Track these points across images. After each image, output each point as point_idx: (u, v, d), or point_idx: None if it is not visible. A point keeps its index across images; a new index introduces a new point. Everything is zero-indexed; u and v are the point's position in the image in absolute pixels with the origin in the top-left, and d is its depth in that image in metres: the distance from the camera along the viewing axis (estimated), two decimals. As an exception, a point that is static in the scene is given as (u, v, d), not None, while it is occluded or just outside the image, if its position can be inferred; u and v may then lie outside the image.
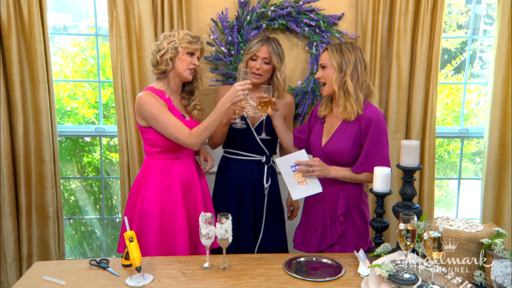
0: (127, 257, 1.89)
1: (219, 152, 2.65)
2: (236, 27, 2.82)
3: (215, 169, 2.64)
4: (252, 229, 2.52)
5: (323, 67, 2.21)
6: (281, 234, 2.62)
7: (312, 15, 2.82)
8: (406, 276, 1.66)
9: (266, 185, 2.51)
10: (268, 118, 2.39)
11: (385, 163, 2.11)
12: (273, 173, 2.58)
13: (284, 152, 2.58)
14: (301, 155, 2.13)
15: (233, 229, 2.42)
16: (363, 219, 2.24)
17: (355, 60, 2.15)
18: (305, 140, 2.38)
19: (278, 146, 2.65)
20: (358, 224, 2.24)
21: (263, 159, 2.50)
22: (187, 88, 2.43)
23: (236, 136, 2.47)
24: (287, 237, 2.65)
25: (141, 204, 2.33)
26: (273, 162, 2.57)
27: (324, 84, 2.21)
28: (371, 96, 2.24)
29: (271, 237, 2.54)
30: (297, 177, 2.15)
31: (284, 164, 2.15)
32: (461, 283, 1.67)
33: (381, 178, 1.96)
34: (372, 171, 2.04)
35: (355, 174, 2.17)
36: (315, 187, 2.15)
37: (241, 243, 2.49)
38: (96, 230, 3.54)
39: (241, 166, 2.50)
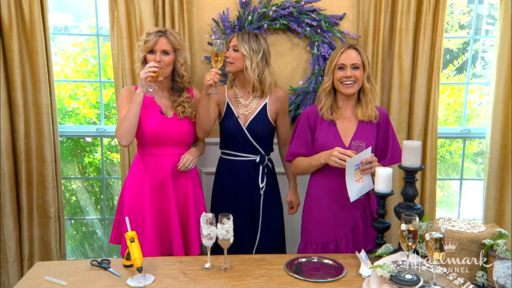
0: (128, 258, 1.88)
1: (214, 152, 2.65)
2: (237, 27, 2.82)
3: (213, 169, 2.63)
4: (249, 230, 2.51)
5: (356, 67, 2.21)
6: (279, 234, 2.60)
7: (313, 15, 2.82)
8: (408, 277, 1.65)
9: (261, 185, 2.49)
10: (259, 115, 2.44)
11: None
12: (269, 173, 2.55)
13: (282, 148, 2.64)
14: (367, 153, 2.10)
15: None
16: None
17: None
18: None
19: (277, 144, 2.66)
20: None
21: (257, 159, 2.48)
22: (174, 85, 2.44)
23: (230, 136, 2.47)
24: (285, 237, 2.65)
25: (123, 193, 2.43)
26: (269, 161, 2.55)
27: (353, 83, 2.21)
28: None
29: (269, 237, 2.53)
30: (356, 176, 2.12)
31: (352, 164, 2.09)
32: (463, 284, 1.66)
33: (383, 179, 1.96)
34: (399, 162, 2.06)
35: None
36: (369, 184, 2.14)
37: (239, 244, 2.46)
38: (97, 231, 3.54)
39: (237, 166, 2.49)
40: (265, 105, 2.47)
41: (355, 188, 2.11)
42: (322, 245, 2.28)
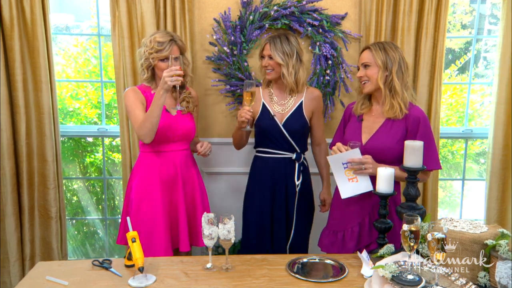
0: (129, 258, 1.88)
1: (215, 152, 2.64)
2: (238, 27, 2.82)
3: (214, 169, 2.63)
4: (285, 228, 2.53)
5: (366, 65, 2.21)
6: (307, 233, 2.63)
7: (315, 15, 2.81)
8: (410, 277, 1.65)
9: (297, 183, 2.52)
10: (295, 113, 2.47)
11: (436, 164, 2.15)
12: (305, 171, 2.57)
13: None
14: (355, 153, 2.09)
15: (267, 228, 2.49)
16: (400, 217, 2.20)
17: (399, 59, 2.20)
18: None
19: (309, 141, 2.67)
20: (395, 222, 2.20)
21: (293, 156, 2.50)
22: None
23: (267, 134, 2.50)
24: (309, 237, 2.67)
25: (129, 193, 2.48)
26: (305, 159, 2.58)
27: (367, 81, 2.21)
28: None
29: (301, 235, 2.57)
30: (348, 174, 2.11)
31: (336, 162, 2.11)
32: (465, 284, 1.66)
33: (384, 179, 1.95)
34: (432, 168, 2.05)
35: (401, 173, 2.10)
36: (366, 185, 2.11)
37: (276, 242, 2.51)
38: (98, 231, 3.54)
39: (273, 164, 2.51)
40: (301, 103, 2.50)
41: (346, 187, 2.13)
42: (333, 233, 2.32)
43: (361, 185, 2.12)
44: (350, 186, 2.12)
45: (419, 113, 2.20)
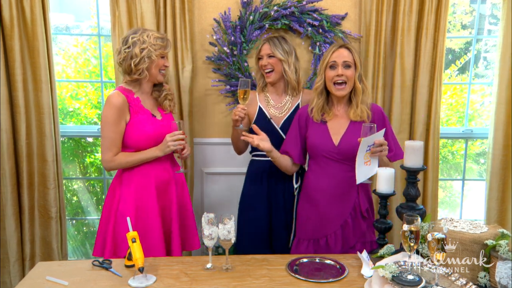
0: (129, 258, 1.88)
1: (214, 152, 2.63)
2: (238, 27, 2.82)
3: (213, 169, 2.62)
4: (285, 231, 2.51)
5: (348, 65, 2.18)
6: None
7: (315, 15, 2.81)
8: (410, 277, 1.65)
9: (295, 186, 2.50)
10: (292, 116, 2.43)
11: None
12: (303, 173, 2.55)
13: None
14: (381, 134, 2.06)
15: (265, 232, 2.47)
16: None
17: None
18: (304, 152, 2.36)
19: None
20: (372, 218, 2.25)
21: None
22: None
23: None
24: None
25: (117, 204, 2.30)
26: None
27: (345, 83, 2.18)
28: None
29: None
30: (365, 157, 2.09)
31: (366, 143, 2.05)
32: (465, 284, 1.66)
33: (385, 179, 1.95)
34: (402, 158, 2.06)
35: (388, 162, 2.20)
36: (374, 169, 2.09)
37: (276, 245, 2.49)
38: (98, 231, 3.54)
39: (270, 167, 2.47)
40: (298, 106, 2.49)
41: (362, 170, 2.09)
42: (314, 241, 2.28)
43: (372, 169, 2.09)
44: (364, 170, 2.09)
45: (378, 107, 2.30)
